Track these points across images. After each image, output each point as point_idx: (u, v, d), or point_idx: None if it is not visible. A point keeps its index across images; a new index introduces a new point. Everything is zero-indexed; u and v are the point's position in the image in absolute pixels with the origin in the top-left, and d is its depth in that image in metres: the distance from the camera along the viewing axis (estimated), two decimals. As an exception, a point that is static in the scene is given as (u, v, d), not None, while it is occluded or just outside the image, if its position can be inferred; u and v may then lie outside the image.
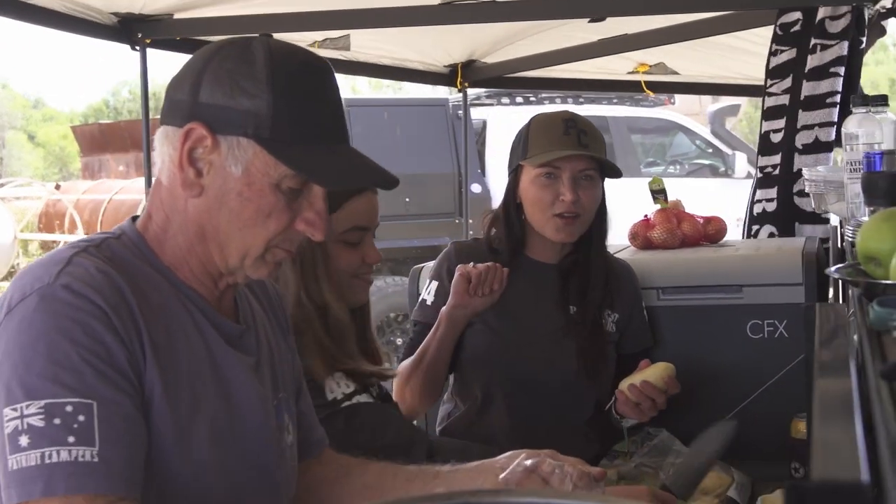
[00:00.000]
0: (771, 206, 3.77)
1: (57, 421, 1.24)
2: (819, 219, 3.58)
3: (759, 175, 3.87)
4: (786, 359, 2.58)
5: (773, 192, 3.75)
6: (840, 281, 2.63)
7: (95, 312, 1.30)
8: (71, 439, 1.23)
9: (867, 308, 1.22)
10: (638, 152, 10.23)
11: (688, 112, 11.97)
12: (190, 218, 1.46)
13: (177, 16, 3.91)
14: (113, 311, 1.32)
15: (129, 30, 3.87)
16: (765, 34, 4.01)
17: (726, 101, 11.17)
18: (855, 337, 1.21)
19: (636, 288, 2.72)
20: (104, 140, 15.51)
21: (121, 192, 13.30)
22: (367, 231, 2.03)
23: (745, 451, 2.50)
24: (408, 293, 2.95)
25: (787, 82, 3.70)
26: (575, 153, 2.47)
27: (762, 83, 5.47)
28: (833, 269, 1.47)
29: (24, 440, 1.23)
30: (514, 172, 2.58)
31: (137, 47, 3.91)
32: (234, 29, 3.95)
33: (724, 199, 9.08)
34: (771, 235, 3.74)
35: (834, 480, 0.61)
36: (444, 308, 2.47)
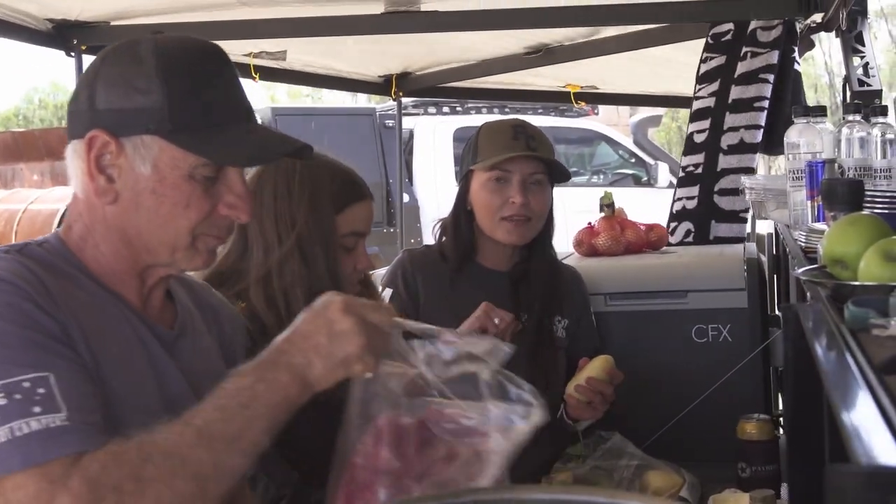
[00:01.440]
0: (691, 204, 3.81)
1: (18, 397, 1.21)
2: (736, 218, 3.66)
3: (682, 174, 3.92)
4: (730, 362, 2.63)
5: (694, 191, 3.79)
6: (789, 285, 2.71)
7: (23, 294, 1.30)
8: (37, 409, 1.21)
9: (841, 309, 1.27)
10: (562, 162, 10.31)
11: (608, 122, 12.10)
12: (111, 225, 1.44)
13: (113, 23, 3.86)
14: (37, 294, 1.31)
15: (65, 36, 3.82)
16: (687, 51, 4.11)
17: (648, 111, 11.32)
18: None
19: (584, 293, 2.75)
20: (18, 149, 15.13)
21: (36, 202, 12.98)
22: (363, 237, 2.04)
23: (692, 453, 2.56)
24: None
25: (714, 86, 3.75)
26: (524, 154, 2.50)
27: (685, 95, 5.61)
28: (800, 271, 1.51)
29: None
30: (465, 179, 2.60)
31: (73, 53, 3.85)
32: (143, 32, 3.93)
33: (648, 208, 9.21)
34: (688, 233, 3.77)
35: (880, 466, 0.64)
36: None
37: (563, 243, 3.12)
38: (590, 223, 3.16)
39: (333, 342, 1.30)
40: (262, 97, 23.41)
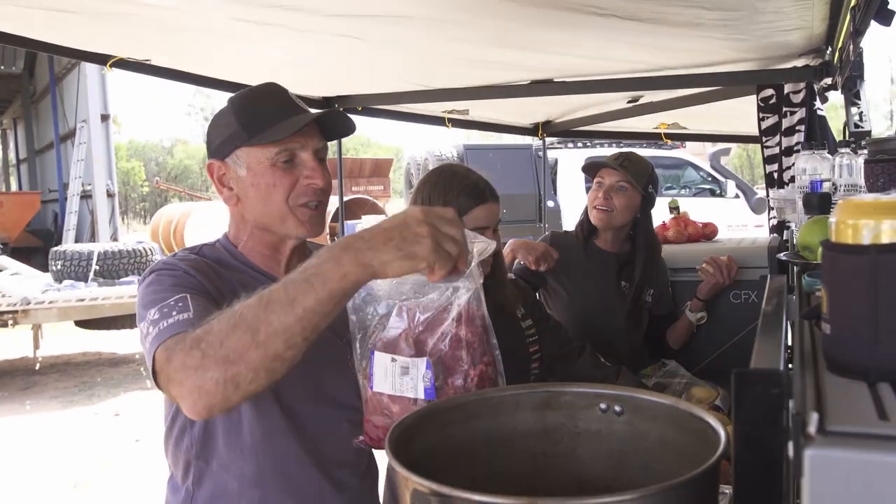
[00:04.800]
0: (774, 222, 3.73)
1: (165, 310, 1.18)
2: None
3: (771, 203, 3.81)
4: (756, 316, 2.58)
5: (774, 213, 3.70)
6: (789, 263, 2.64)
7: (182, 265, 1.31)
8: (174, 312, 1.17)
9: (802, 279, 1.29)
10: (661, 180, 10.13)
11: (694, 152, 11.75)
12: (246, 220, 1.42)
13: (356, 94, 4.08)
14: (195, 269, 1.31)
15: (330, 103, 4.05)
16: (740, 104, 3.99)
17: (721, 144, 10.95)
18: (794, 296, 1.28)
19: (666, 271, 2.73)
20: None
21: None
22: (488, 229, 1.83)
23: (727, 377, 2.53)
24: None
25: (776, 139, 3.63)
26: (611, 167, 2.50)
27: (744, 134, 5.40)
28: (782, 254, 1.52)
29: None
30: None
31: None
32: (387, 101, 4.07)
33: (719, 212, 8.97)
34: None
35: (762, 369, 0.69)
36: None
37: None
38: (663, 222, 3.15)
39: (405, 240, 1.00)
40: (462, 137, 23.59)
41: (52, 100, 13.84)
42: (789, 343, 0.99)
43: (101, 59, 2.71)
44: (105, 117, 11.33)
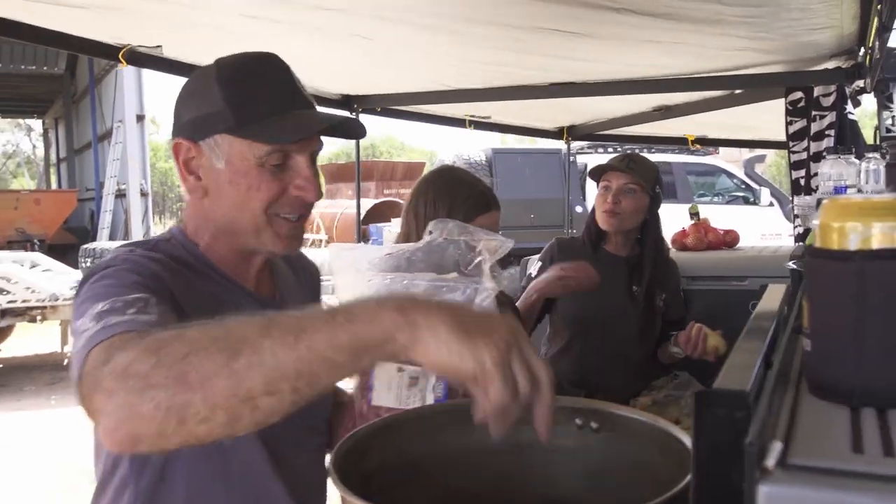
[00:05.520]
0: (801, 230, 3.63)
1: (119, 305, 0.91)
2: None
3: (796, 210, 3.69)
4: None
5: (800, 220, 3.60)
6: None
7: (147, 262, 1.06)
8: (131, 310, 0.91)
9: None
10: (693, 187, 9.99)
11: (728, 159, 11.55)
12: (209, 218, 1.16)
13: (373, 93, 4.03)
14: (163, 270, 1.07)
15: (349, 102, 4.02)
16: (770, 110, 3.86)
17: (757, 151, 10.76)
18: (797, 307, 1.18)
19: (677, 275, 2.63)
20: (339, 174, 16.03)
21: (349, 208, 13.65)
22: None
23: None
24: (519, 274, 2.97)
25: (804, 143, 3.51)
26: (618, 170, 2.42)
27: (772, 140, 5.25)
28: (790, 262, 1.42)
29: None
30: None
31: (354, 113, 4.04)
32: (407, 101, 4.02)
33: (753, 220, 8.79)
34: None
35: (726, 389, 0.61)
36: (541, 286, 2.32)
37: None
38: (683, 228, 3.04)
39: (477, 324, 0.74)
40: (493, 140, 23.53)
41: (90, 100, 14.10)
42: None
43: (112, 52, 2.69)
44: (140, 118, 11.49)
